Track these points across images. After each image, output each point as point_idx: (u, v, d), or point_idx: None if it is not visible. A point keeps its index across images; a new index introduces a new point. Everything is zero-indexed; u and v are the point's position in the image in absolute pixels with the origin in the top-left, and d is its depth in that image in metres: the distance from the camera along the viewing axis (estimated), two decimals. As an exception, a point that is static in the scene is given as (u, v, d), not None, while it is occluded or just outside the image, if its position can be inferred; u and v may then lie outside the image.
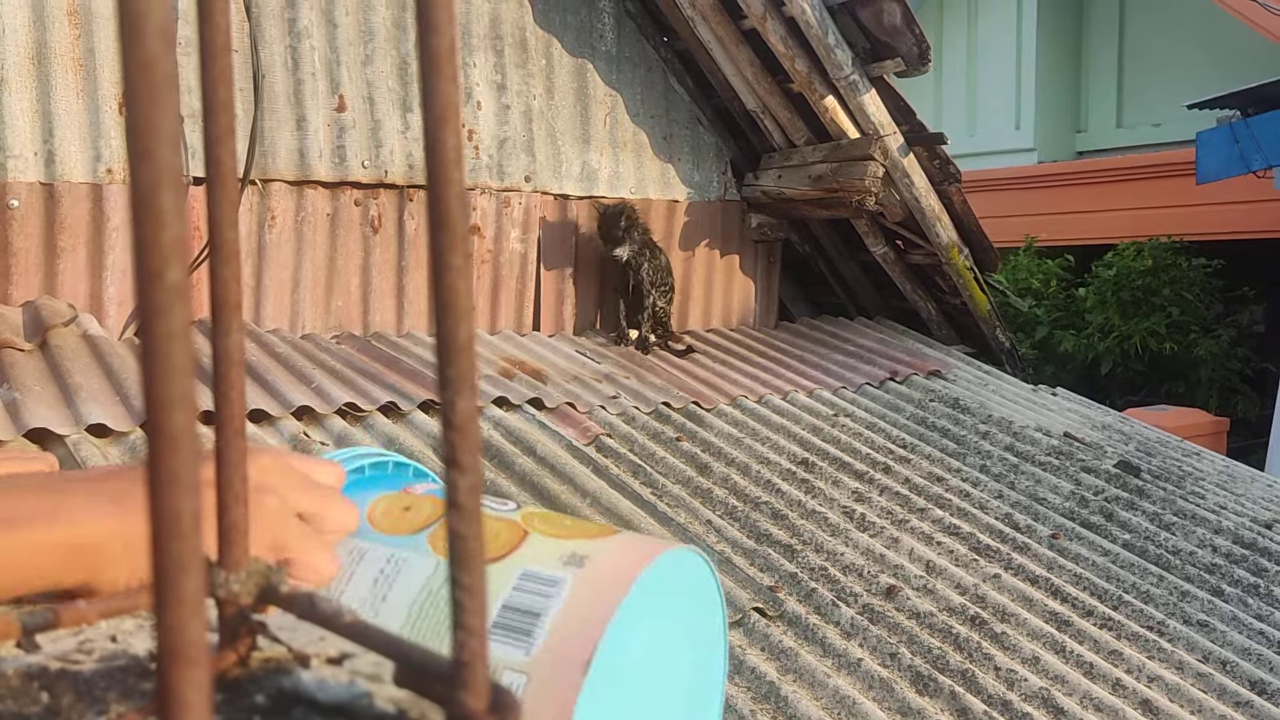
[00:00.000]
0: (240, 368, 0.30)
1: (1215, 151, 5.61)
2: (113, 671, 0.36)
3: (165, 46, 0.20)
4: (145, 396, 0.20)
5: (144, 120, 0.19)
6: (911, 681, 2.03)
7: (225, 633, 0.34)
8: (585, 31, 3.58)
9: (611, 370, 3.23)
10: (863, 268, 4.09)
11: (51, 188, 2.69)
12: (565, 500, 2.37)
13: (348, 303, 3.17)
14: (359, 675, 0.34)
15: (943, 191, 3.56)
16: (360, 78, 3.14)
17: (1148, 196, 7.32)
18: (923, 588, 2.35)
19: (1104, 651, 2.22)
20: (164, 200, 0.19)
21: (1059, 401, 3.60)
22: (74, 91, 2.71)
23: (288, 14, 3.02)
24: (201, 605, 0.21)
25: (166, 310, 0.20)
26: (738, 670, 1.98)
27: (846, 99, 3.39)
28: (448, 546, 0.25)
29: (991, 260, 3.82)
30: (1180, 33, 7.82)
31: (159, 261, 0.20)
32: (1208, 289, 7.19)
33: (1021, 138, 8.54)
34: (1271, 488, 3.20)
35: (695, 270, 3.86)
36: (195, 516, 0.21)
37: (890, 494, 2.74)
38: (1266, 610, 2.46)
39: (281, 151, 3.00)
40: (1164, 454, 3.27)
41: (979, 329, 3.94)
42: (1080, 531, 2.69)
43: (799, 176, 3.60)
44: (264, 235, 3.01)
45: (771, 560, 2.36)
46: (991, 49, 8.75)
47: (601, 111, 3.61)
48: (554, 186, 3.51)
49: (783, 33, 3.33)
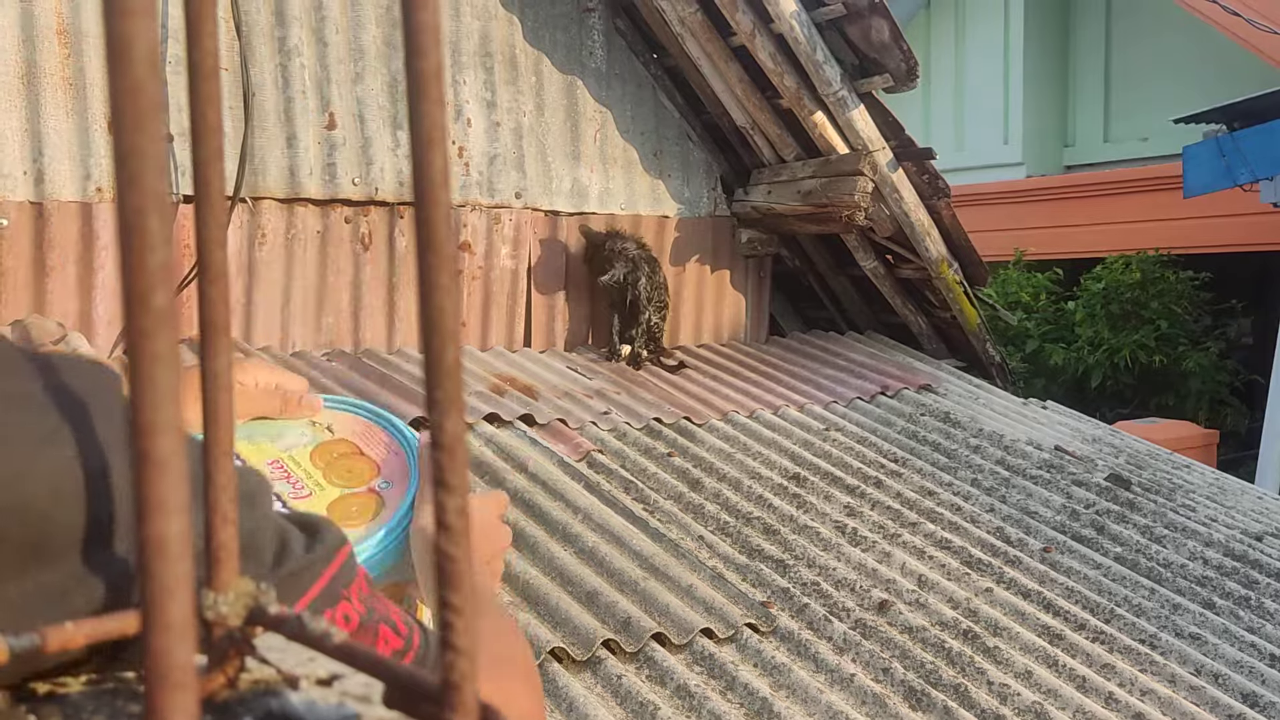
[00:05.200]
0: (229, 390, 0.30)
1: (1202, 165, 5.64)
2: (101, 695, 0.36)
3: (151, 72, 0.20)
4: (132, 420, 0.20)
5: (130, 145, 0.19)
6: (904, 697, 2.02)
7: (214, 654, 0.34)
8: (575, 48, 3.60)
9: (603, 386, 3.23)
10: (853, 282, 4.10)
11: (41, 206, 2.69)
12: (557, 516, 2.36)
13: (338, 320, 3.17)
14: (348, 696, 0.34)
15: (932, 206, 3.58)
16: (350, 95, 3.14)
17: (1135, 210, 7.36)
18: (915, 602, 2.35)
19: (1097, 665, 2.22)
20: (150, 224, 0.19)
21: (1049, 415, 3.61)
22: (64, 110, 2.71)
23: (278, 32, 3.02)
24: (189, 629, 0.21)
25: (153, 333, 0.20)
26: (730, 687, 1.98)
27: (835, 115, 3.40)
28: (432, 565, 0.25)
29: (981, 274, 3.83)
30: (1166, 47, 7.88)
31: (145, 285, 0.20)
32: (1196, 302, 7.23)
33: (1010, 152, 8.58)
34: (1261, 500, 3.21)
35: (686, 286, 3.86)
36: (183, 540, 0.21)
37: (882, 508, 2.74)
38: (1258, 623, 2.47)
39: (272, 169, 3.00)
40: (1154, 467, 3.28)
41: (969, 343, 3.95)
42: (1072, 545, 2.69)
43: (789, 192, 3.61)
44: (254, 253, 3.01)
45: (764, 576, 2.35)
46: (979, 65, 8.80)
47: (591, 128, 3.62)
48: (544, 203, 3.51)
49: (772, 49, 3.35)
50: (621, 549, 2.30)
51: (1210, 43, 7.26)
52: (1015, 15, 8.52)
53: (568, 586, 2.15)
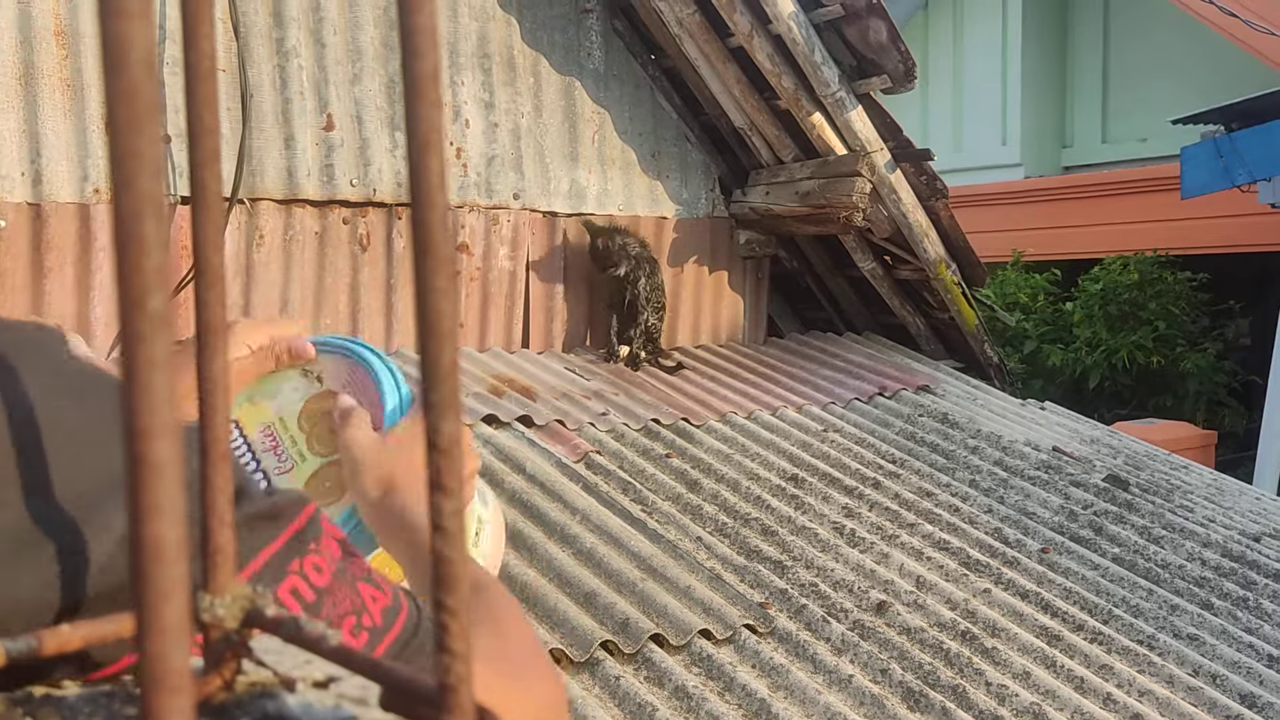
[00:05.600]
0: (225, 392, 0.29)
1: (1200, 166, 5.65)
2: (97, 697, 0.36)
3: (148, 73, 0.20)
4: (126, 424, 0.20)
5: (126, 148, 0.19)
6: (903, 698, 2.02)
7: (210, 657, 0.33)
8: (573, 50, 3.60)
9: (601, 387, 3.23)
10: (851, 283, 4.10)
11: (39, 208, 2.68)
12: (555, 517, 2.36)
13: (336, 321, 3.17)
14: (345, 699, 0.34)
15: (930, 207, 3.58)
16: (348, 96, 3.14)
17: (1133, 211, 7.36)
18: (913, 603, 2.35)
19: (1095, 666, 2.22)
20: (146, 228, 0.19)
21: (1047, 416, 3.61)
22: (61, 112, 2.71)
23: (276, 33, 3.02)
24: (185, 632, 0.21)
25: (149, 337, 0.20)
26: (728, 688, 1.97)
27: (833, 116, 3.40)
28: (431, 570, 0.25)
29: (979, 275, 3.83)
30: (1164, 48, 7.89)
31: (141, 289, 0.20)
32: (1194, 303, 7.23)
33: (1008, 153, 8.59)
34: (1259, 501, 3.21)
35: (684, 287, 3.86)
36: (179, 544, 0.20)
37: (880, 509, 2.74)
38: (1255, 623, 2.47)
39: (269, 170, 3.00)
40: (1152, 468, 3.28)
41: (967, 344, 3.95)
42: (1070, 546, 2.69)
43: (787, 193, 3.61)
44: (252, 254, 3.01)
45: (762, 577, 2.35)
46: (977, 65, 8.80)
47: (589, 129, 3.62)
48: (542, 204, 3.51)
49: (770, 50, 3.35)
50: (619, 550, 2.30)
51: (1207, 43, 7.27)
52: (1013, 16, 8.52)
53: (566, 588, 2.15)
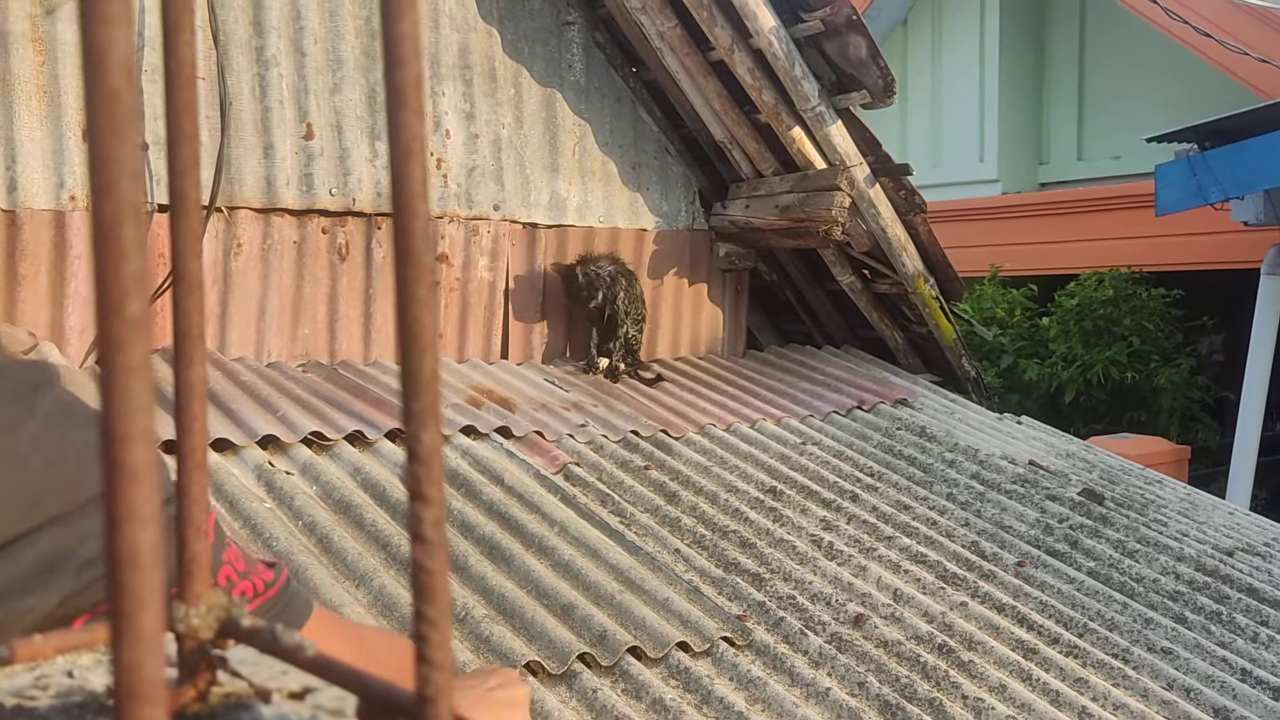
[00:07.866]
0: (203, 400, 0.29)
1: (1174, 184, 5.70)
2: (69, 708, 0.35)
3: (128, 80, 0.20)
4: (104, 431, 0.20)
5: (106, 154, 0.19)
6: (880, 710, 2.03)
7: (185, 667, 0.33)
8: (554, 62, 3.60)
9: (580, 399, 3.23)
10: (830, 297, 4.11)
11: (13, 214, 2.66)
12: (533, 529, 2.36)
13: (314, 331, 3.15)
14: (321, 710, 0.34)
15: (908, 222, 3.60)
16: (328, 106, 3.13)
17: (1108, 228, 7.43)
18: (890, 616, 2.35)
19: (1070, 679, 2.23)
20: (125, 233, 0.19)
21: (1024, 430, 3.63)
22: (37, 118, 2.69)
23: (255, 42, 3.01)
24: (160, 642, 0.21)
25: (126, 344, 0.20)
26: (706, 700, 1.97)
27: (813, 130, 3.42)
28: (410, 580, 0.25)
29: (957, 289, 3.86)
30: (1139, 68, 7.97)
31: (119, 294, 0.19)
32: (1168, 319, 7.29)
33: (985, 169, 8.65)
34: (1232, 515, 3.24)
35: (663, 299, 3.87)
36: (154, 552, 0.20)
37: (858, 522, 2.75)
38: (1229, 637, 2.49)
39: (248, 179, 2.98)
40: (1127, 482, 3.30)
41: (945, 358, 3.97)
42: (1045, 559, 2.70)
43: (766, 206, 3.63)
44: (230, 263, 2.99)
45: (740, 589, 2.35)
46: (956, 82, 8.87)
47: (570, 141, 3.63)
48: (522, 215, 3.51)
49: (750, 64, 3.36)
50: (598, 562, 2.29)
51: (1182, 64, 7.35)
52: (990, 35, 8.60)
53: (543, 600, 2.15)
